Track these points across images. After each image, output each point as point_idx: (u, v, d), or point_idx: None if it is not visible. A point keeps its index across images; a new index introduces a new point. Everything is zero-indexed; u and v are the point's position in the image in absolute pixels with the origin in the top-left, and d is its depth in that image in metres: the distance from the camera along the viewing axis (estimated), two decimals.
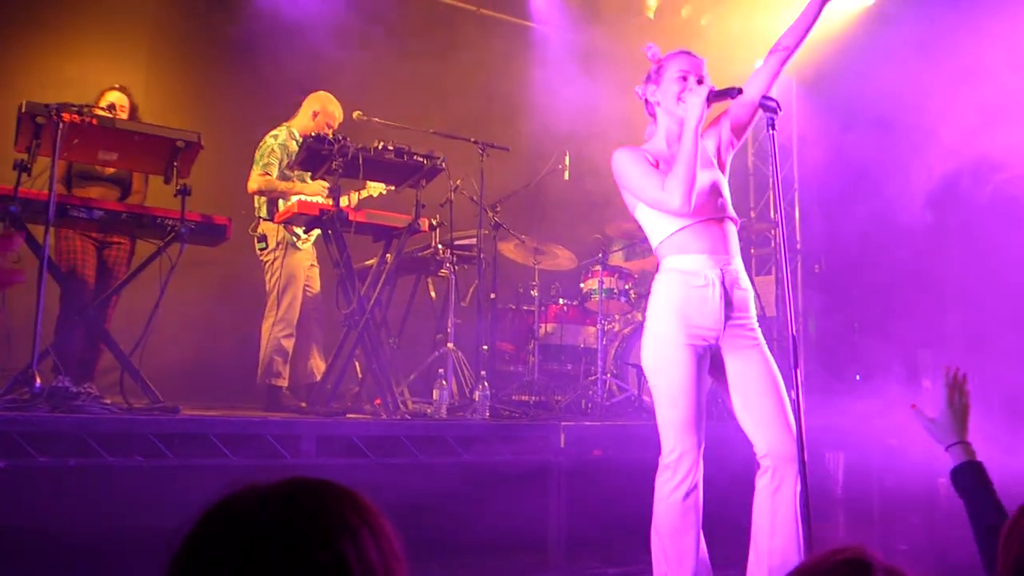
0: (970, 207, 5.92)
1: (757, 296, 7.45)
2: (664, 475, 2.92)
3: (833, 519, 5.81)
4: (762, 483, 2.96)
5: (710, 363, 3.01)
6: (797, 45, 3.08)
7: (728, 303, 2.96)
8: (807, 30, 3.07)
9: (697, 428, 2.89)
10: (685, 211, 2.87)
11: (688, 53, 3.10)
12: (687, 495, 2.87)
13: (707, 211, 2.98)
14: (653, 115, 3.19)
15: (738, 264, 3.05)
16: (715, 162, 3.13)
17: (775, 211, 8.16)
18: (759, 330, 3.05)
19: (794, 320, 3.03)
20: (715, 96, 2.92)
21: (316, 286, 5.59)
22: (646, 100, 3.19)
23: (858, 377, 6.76)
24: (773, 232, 7.92)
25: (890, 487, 5.72)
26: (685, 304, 2.92)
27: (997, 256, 6.40)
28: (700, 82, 2.99)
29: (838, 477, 6.38)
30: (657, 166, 3.01)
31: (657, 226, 3.05)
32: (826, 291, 7.55)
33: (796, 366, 2.78)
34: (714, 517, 3.10)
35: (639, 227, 6.52)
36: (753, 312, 3.08)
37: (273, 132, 5.51)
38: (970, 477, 2.08)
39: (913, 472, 5.60)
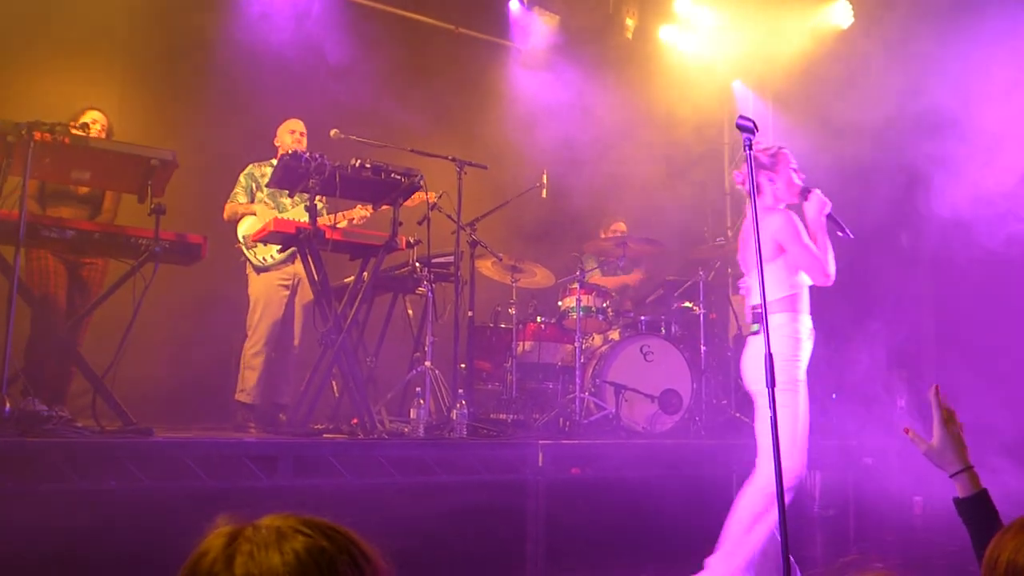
0: (944, 226, 5.99)
1: (734, 315, 7.54)
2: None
3: (810, 537, 5.82)
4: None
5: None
6: None
7: None
8: None
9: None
10: (831, 281, 3.72)
11: (789, 150, 3.90)
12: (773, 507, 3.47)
13: None
14: (758, 190, 3.66)
15: None
16: None
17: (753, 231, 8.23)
18: None
19: (769, 339, 3.07)
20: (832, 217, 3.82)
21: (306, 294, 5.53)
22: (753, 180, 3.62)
23: (834, 396, 6.80)
24: None
25: (866, 506, 5.75)
26: (802, 354, 3.70)
27: (972, 276, 6.50)
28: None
29: (815, 495, 6.41)
30: None
31: (791, 281, 3.72)
32: None
33: (773, 384, 2.80)
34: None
35: (616, 244, 6.62)
36: None
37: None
38: (978, 508, 2.00)
39: (888, 491, 5.64)
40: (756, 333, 3.71)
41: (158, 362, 5.70)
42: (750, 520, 3.57)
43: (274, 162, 5.60)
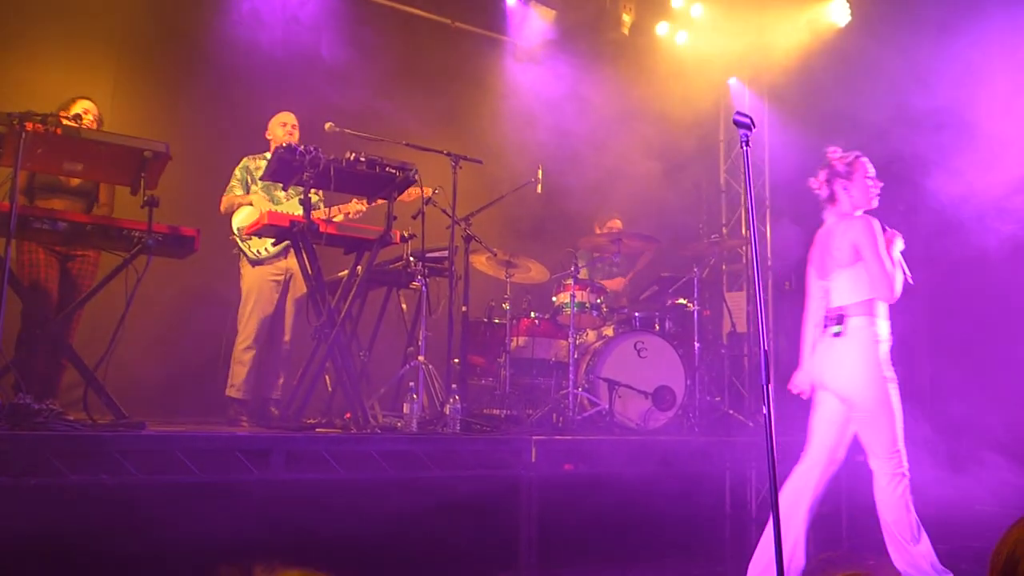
0: (938, 225, 6.01)
1: (728, 312, 7.54)
2: (901, 477, 3.73)
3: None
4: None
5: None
6: None
7: None
8: None
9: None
10: (894, 300, 3.79)
11: (865, 158, 3.97)
12: (907, 482, 3.74)
13: None
14: (832, 198, 3.95)
15: None
16: None
17: (747, 228, 8.23)
18: None
19: (766, 336, 3.07)
20: None
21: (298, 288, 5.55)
22: (830, 188, 3.95)
23: None
24: (744, 248, 7.98)
25: (858, 502, 5.75)
26: (884, 354, 3.79)
27: (965, 275, 6.51)
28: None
29: None
30: None
31: (866, 287, 3.77)
32: (796, 308, 7.59)
33: (768, 381, 2.79)
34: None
35: (611, 241, 6.61)
36: None
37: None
38: None
39: None
40: (838, 335, 3.79)
41: (150, 356, 5.68)
42: (906, 506, 3.70)
43: (268, 155, 5.59)
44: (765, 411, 2.75)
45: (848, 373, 3.78)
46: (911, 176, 5.95)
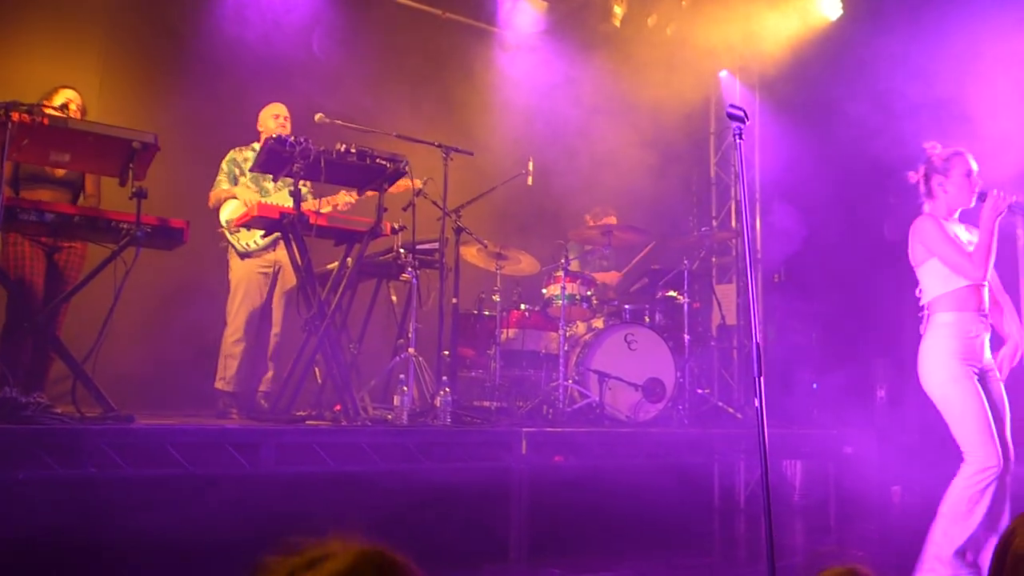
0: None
1: (718, 304, 7.56)
2: (974, 478, 3.55)
3: (791, 526, 5.87)
4: None
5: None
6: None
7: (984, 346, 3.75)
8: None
9: (992, 436, 3.58)
10: (981, 279, 3.69)
11: (967, 154, 3.85)
12: (984, 490, 3.52)
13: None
14: (930, 193, 3.87)
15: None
16: None
17: (737, 220, 8.24)
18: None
19: (757, 329, 3.08)
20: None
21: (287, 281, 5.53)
22: (928, 183, 3.88)
23: (815, 386, 6.85)
24: (735, 241, 7.99)
25: (846, 494, 5.80)
26: (965, 350, 3.67)
27: None
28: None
29: (795, 484, 6.46)
30: None
31: (943, 281, 3.75)
32: (785, 300, 7.62)
33: (759, 374, 2.80)
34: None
35: (601, 234, 6.61)
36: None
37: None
38: None
39: (868, 480, 5.69)
40: (922, 334, 3.79)
41: (139, 348, 5.65)
42: (956, 512, 3.55)
43: (256, 146, 5.56)
44: (757, 403, 2.76)
45: (924, 368, 3.75)
46: (899, 169, 5.96)
